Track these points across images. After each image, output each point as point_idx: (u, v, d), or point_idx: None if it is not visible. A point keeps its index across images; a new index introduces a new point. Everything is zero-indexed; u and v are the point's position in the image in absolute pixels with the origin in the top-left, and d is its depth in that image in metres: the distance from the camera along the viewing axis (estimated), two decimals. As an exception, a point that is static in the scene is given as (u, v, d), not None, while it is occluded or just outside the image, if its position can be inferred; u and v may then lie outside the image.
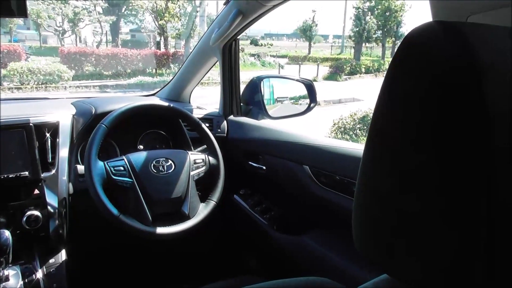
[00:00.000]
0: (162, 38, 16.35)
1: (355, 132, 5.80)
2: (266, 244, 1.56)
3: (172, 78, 1.97)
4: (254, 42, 28.84)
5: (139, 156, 1.35)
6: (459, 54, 0.36)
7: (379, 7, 19.12)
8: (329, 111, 8.39)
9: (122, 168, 1.30)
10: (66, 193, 1.33)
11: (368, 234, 0.43)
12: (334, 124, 6.22)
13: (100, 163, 1.28)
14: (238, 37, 1.67)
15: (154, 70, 14.23)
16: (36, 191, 1.26)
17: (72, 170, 1.36)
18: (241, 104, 1.80)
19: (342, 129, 6.05)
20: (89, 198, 1.24)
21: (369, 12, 19.39)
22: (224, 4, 1.53)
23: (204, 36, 1.71)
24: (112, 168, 1.28)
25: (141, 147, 1.57)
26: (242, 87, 1.82)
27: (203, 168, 1.44)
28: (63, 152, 1.37)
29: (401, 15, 19.35)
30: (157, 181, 1.33)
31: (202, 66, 1.81)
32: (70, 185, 1.36)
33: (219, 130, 1.72)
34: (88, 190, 1.24)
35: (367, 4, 19.27)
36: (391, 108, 0.42)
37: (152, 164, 1.34)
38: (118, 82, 12.81)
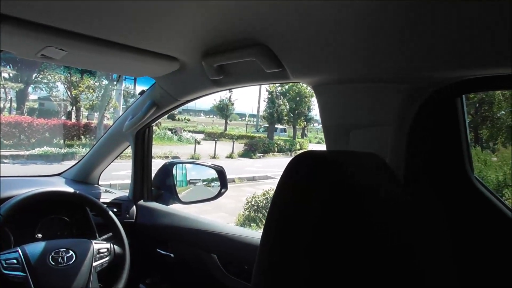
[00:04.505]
0: (74, 108, 15.69)
1: (267, 211, 5.94)
2: None
3: (81, 159, 1.92)
4: (172, 117, 29.04)
5: (36, 247, 1.26)
6: (329, 178, 0.46)
7: (291, 92, 20.76)
8: (242, 188, 8.56)
9: (15, 261, 1.20)
10: None
11: None
12: (248, 202, 6.33)
13: None
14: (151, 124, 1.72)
15: (62, 141, 13.39)
16: None
17: None
18: (152, 188, 1.80)
19: (255, 207, 6.17)
20: None
21: (282, 96, 20.92)
22: (139, 94, 1.59)
23: (117, 121, 1.73)
24: (3, 262, 1.18)
25: (40, 235, 1.45)
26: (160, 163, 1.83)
27: (107, 258, 1.38)
28: None
29: (311, 101, 21.21)
30: (54, 274, 1.24)
31: (113, 149, 1.80)
32: None
33: (127, 215, 1.68)
34: None
35: (279, 88, 20.85)
36: (276, 221, 0.50)
37: (51, 256, 1.26)
38: (18, 153, 11.76)
